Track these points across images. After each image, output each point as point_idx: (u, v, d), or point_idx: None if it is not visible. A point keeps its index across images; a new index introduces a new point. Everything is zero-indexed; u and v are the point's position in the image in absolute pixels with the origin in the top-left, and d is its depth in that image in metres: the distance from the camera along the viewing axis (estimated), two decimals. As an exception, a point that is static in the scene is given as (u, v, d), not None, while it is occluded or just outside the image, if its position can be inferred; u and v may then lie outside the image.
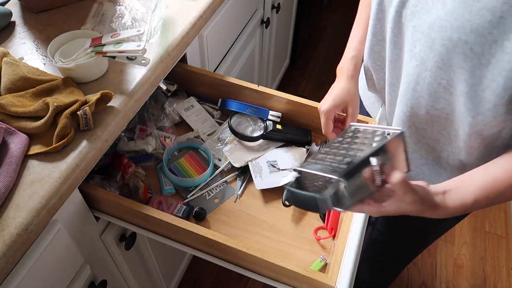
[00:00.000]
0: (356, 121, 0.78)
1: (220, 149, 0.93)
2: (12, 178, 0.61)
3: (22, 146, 0.65)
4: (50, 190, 0.61)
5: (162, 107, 0.98)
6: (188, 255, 1.44)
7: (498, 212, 1.82)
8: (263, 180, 0.87)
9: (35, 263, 0.62)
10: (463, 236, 1.74)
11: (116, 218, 0.79)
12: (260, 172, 0.88)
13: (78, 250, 0.74)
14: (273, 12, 1.56)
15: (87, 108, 0.68)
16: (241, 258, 0.71)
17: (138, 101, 0.78)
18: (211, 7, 0.97)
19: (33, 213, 0.59)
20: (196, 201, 0.86)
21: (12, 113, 0.68)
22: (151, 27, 0.81)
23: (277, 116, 0.95)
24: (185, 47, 0.90)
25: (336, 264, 0.66)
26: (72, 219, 0.72)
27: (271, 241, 0.80)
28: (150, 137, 0.91)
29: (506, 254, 1.69)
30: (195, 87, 1.02)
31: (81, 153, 0.66)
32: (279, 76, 2.14)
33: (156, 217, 0.71)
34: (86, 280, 0.78)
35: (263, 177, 0.87)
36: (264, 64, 1.73)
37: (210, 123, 0.98)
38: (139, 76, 0.79)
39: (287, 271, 0.66)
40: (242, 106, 0.95)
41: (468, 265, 1.65)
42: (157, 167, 0.90)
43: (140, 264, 1.02)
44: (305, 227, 0.82)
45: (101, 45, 0.75)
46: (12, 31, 0.87)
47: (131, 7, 0.88)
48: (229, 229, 0.81)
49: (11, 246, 0.56)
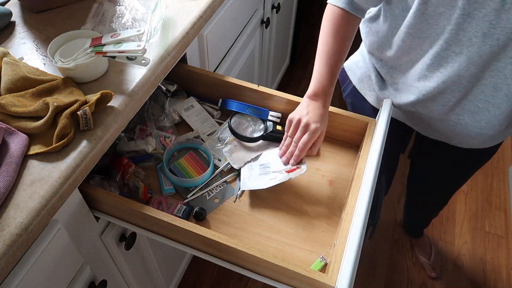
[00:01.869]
0: (320, 144, 0.85)
1: (220, 149, 0.93)
2: (12, 178, 0.61)
3: (22, 146, 0.65)
4: (50, 190, 0.61)
5: (162, 107, 0.98)
6: (188, 255, 1.44)
7: (498, 212, 1.82)
8: (250, 181, 0.86)
9: (35, 263, 0.62)
10: (463, 236, 1.74)
11: (116, 218, 0.79)
12: (250, 173, 0.88)
13: (78, 250, 0.74)
14: (273, 12, 1.56)
15: (87, 108, 0.68)
16: (241, 258, 0.71)
17: (138, 101, 0.78)
18: (211, 7, 0.97)
19: (33, 213, 0.59)
20: (196, 201, 0.86)
21: (12, 113, 0.68)
22: (151, 27, 0.81)
23: (277, 116, 0.95)
24: (185, 47, 0.90)
25: (336, 264, 0.66)
26: (72, 219, 0.72)
27: (271, 241, 0.80)
28: (150, 137, 0.91)
29: (506, 254, 1.68)
30: (195, 87, 1.02)
31: (81, 153, 0.66)
32: (279, 76, 2.14)
33: (156, 217, 0.71)
34: (86, 280, 0.78)
35: (252, 178, 0.87)
36: (264, 64, 1.73)
37: (210, 123, 0.98)
38: (139, 76, 0.79)
39: (287, 271, 0.66)
40: (242, 106, 0.95)
41: (468, 265, 1.65)
42: (157, 167, 0.90)
43: (140, 264, 1.02)
44: (305, 227, 0.82)
45: (101, 45, 0.75)
46: (12, 31, 0.87)
47: (131, 7, 0.88)
48: (229, 229, 0.81)
49: (11, 246, 0.56)
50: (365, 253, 1.66)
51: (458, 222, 1.79)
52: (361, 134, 0.91)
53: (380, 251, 1.67)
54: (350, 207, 0.73)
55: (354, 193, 0.75)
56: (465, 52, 0.70)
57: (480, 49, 0.68)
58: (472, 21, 0.65)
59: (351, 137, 0.94)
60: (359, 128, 0.90)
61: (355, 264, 0.64)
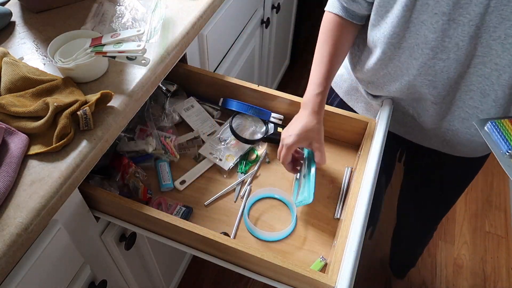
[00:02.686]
0: (323, 154, 0.80)
1: (220, 149, 0.93)
2: (12, 178, 0.61)
3: (22, 146, 0.65)
4: (50, 190, 0.61)
5: (162, 107, 0.98)
6: (188, 255, 1.44)
7: (498, 212, 1.82)
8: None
9: (35, 263, 0.62)
10: (463, 236, 1.74)
11: (116, 218, 0.79)
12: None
13: (78, 250, 0.74)
14: (273, 12, 1.56)
15: (87, 108, 0.68)
16: (241, 258, 0.71)
17: (138, 101, 0.78)
18: (211, 7, 0.97)
19: (33, 213, 0.59)
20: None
21: (12, 113, 0.68)
22: (151, 27, 0.81)
23: (279, 118, 0.95)
24: (185, 47, 0.90)
25: (336, 264, 0.66)
26: (72, 219, 0.72)
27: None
28: (150, 137, 0.91)
29: (506, 254, 1.68)
30: (195, 87, 1.02)
31: (81, 153, 0.66)
32: (279, 76, 2.14)
33: (156, 217, 0.71)
34: (86, 280, 0.78)
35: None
36: (264, 64, 1.73)
37: (210, 123, 0.98)
38: (139, 76, 0.79)
39: (287, 271, 0.66)
40: (244, 107, 0.95)
41: (468, 265, 1.65)
42: (156, 167, 0.90)
43: (140, 264, 1.02)
44: (305, 227, 0.82)
45: (101, 45, 0.75)
46: (12, 31, 0.87)
47: (131, 7, 0.88)
48: (229, 229, 0.81)
49: (11, 246, 0.56)
50: (365, 253, 1.66)
51: (458, 222, 1.79)
52: (361, 134, 0.91)
53: (380, 250, 1.67)
54: (350, 207, 0.73)
55: (354, 193, 0.75)
56: (452, 57, 0.70)
57: (468, 51, 0.68)
58: (457, 27, 0.66)
59: (351, 137, 0.94)
60: (359, 128, 0.90)
61: (355, 264, 0.64)
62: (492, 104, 0.74)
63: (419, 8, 0.66)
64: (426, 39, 0.69)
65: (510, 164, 0.66)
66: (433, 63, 0.72)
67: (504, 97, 0.72)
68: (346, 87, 0.99)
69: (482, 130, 0.72)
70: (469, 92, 0.74)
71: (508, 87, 0.70)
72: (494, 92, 0.72)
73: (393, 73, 0.79)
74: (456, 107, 0.79)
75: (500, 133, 0.69)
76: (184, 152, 0.94)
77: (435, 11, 0.65)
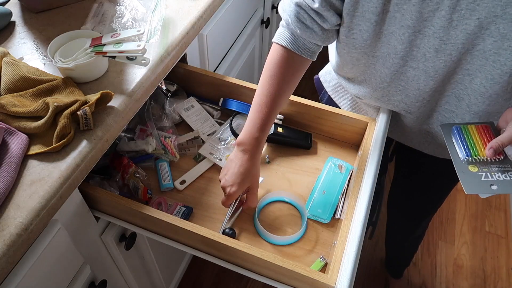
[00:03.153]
0: (256, 198, 0.80)
1: (220, 149, 0.93)
2: (12, 178, 0.61)
3: (22, 146, 0.65)
4: (50, 190, 0.61)
5: (162, 107, 0.98)
6: (188, 255, 1.44)
7: (498, 212, 1.82)
8: None
9: (35, 263, 0.62)
10: (463, 236, 1.74)
11: (116, 218, 0.79)
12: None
13: (78, 250, 0.74)
14: (273, 12, 1.56)
15: (87, 108, 0.68)
16: (241, 258, 0.71)
17: (138, 101, 0.78)
18: (211, 7, 0.97)
19: (33, 213, 0.59)
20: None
21: (12, 113, 0.68)
22: (151, 27, 0.81)
23: (279, 118, 0.95)
24: (185, 47, 0.90)
25: (336, 264, 0.66)
26: (72, 219, 0.72)
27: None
28: (150, 137, 0.91)
29: (506, 254, 1.69)
30: (195, 87, 1.02)
31: (81, 153, 0.66)
32: (279, 76, 2.14)
33: (156, 217, 0.71)
34: (86, 280, 0.78)
35: None
36: (264, 64, 1.73)
37: (210, 123, 0.98)
38: (139, 76, 0.79)
39: (287, 271, 0.66)
40: (244, 107, 0.95)
41: (468, 265, 1.65)
42: (156, 167, 0.90)
43: (140, 264, 1.02)
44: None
45: (101, 45, 0.75)
46: (12, 31, 0.87)
47: (131, 7, 0.88)
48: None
49: (11, 246, 0.56)
50: (365, 253, 1.66)
51: (458, 222, 1.79)
52: (361, 134, 0.91)
53: (380, 251, 1.67)
54: (350, 207, 0.73)
55: (354, 193, 0.75)
56: (421, 66, 0.70)
57: (435, 63, 0.69)
58: (424, 38, 0.66)
59: (351, 137, 0.94)
60: (359, 128, 0.90)
61: (355, 264, 0.64)
62: (466, 109, 0.74)
63: (387, 21, 0.67)
64: (396, 49, 0.70)
65: (466, 170, 0.66)
66: (404, 69, 0.73)
67: (477, 104, 0.72)
68: (333, 83, 0.99)
69: (446, 134, 0.72)
70: (445, 97, 0.75)
71: (480, 94, 0.70)
72: (467, 96, 0.72)
73: (368, 80, 0.80)
74: (433, 111, 0.79)
75: (462, 138, 0.69)
76: (184, 152, 0.94)
77: (402, 23, 0.66)
